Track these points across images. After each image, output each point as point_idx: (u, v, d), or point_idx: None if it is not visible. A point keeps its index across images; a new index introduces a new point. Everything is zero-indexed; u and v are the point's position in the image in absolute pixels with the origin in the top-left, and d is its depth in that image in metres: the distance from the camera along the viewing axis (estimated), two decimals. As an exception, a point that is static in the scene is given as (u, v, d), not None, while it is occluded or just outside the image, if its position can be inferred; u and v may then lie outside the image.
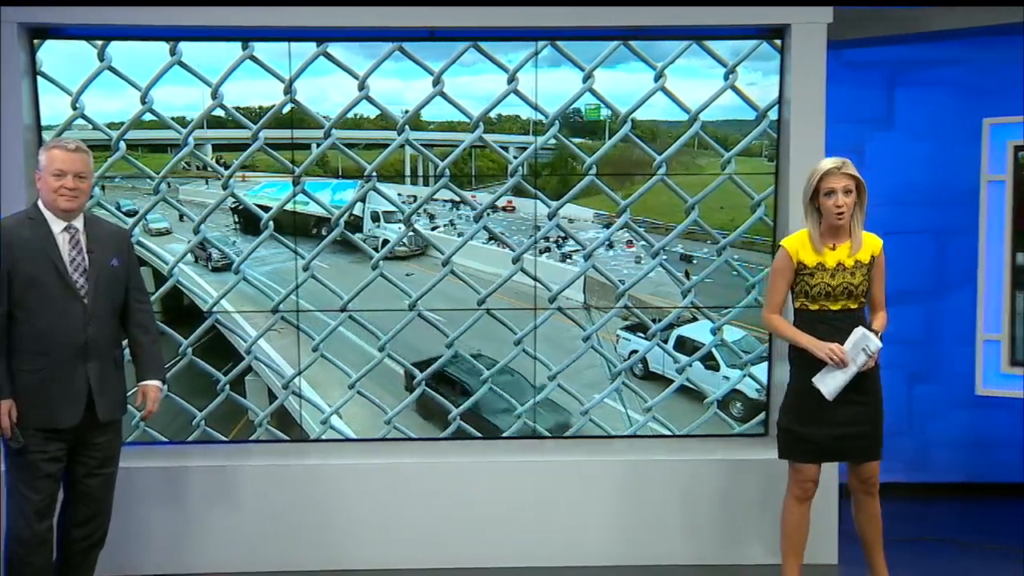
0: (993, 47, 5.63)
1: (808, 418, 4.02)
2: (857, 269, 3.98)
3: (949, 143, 5.44)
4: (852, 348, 3.92)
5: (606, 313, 4.96)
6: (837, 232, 3.99)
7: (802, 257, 4.00)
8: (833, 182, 3.93)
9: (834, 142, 5.05)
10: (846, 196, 3.92)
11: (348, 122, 4.81)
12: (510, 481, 4.83)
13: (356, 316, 4.90)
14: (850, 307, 3.98)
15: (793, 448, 4.09)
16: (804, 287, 4.00)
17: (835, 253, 3.99)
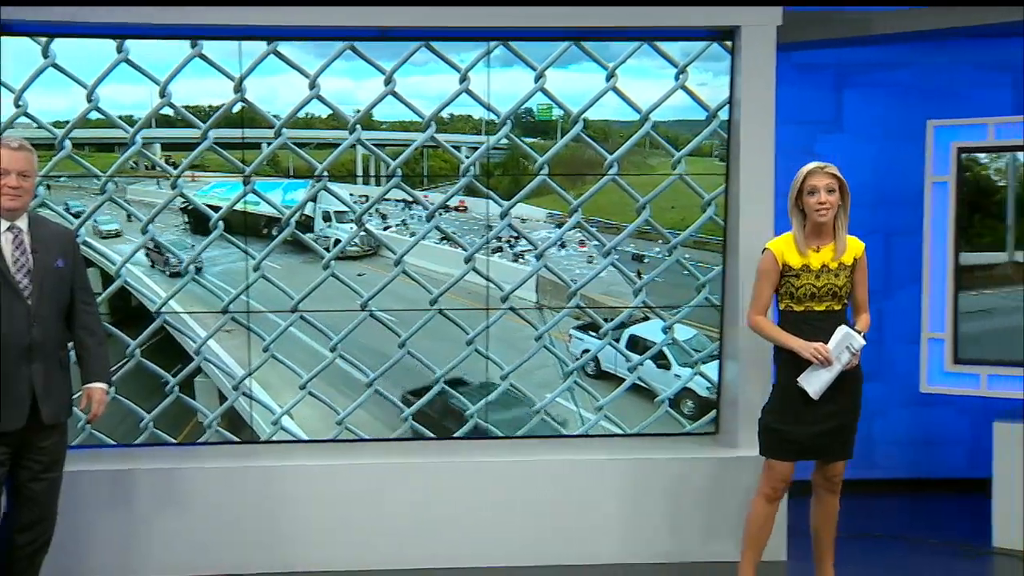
0: (938, 50, 5.76)
1: (794, 418, 4.07)
2: (841, 271, 4.05)
3: (895, 145, 5.55)
4: (836, 347, 3.99)
5: (558, 313, 4.98)
6: (821, 234, 4.06)
7: (787, 259, 4.05)
8: (816, 180, 4.01)
9: (784, 143, 5.14)
10: (829, 194, 3.99)
11: (299, 121, 4.79)
12: (463, 481, 4.84)
13: (307, 317, 4.88)
14: (834, 308, 4.05)
15: (776, 447, 4.12)
16: (790, 288, 4.06)
17: (819, 255, 4.05)
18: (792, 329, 4.05)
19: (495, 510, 4.84)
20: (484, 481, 4.85)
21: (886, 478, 5.89)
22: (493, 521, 4.84)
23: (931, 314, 5.17)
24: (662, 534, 4.89)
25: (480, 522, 4.84)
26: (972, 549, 5.01)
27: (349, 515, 4.79)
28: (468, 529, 4.83)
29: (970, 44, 5.72)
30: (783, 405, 4.09)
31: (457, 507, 4.83)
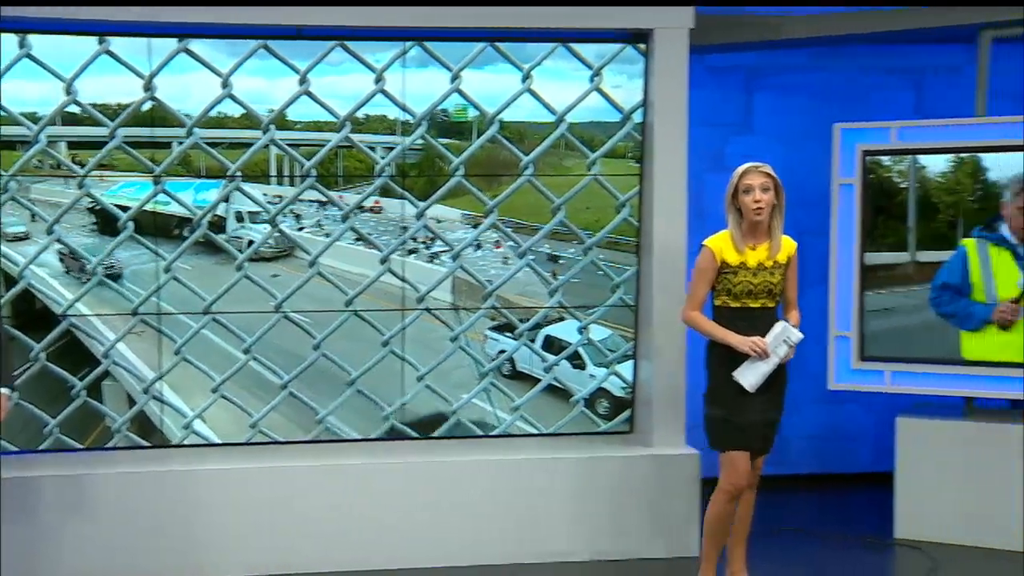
0: (844, 55, 5.93)
1: (738, 407, 4.14)
2: (776, 269, 4.14)
3: (804, 147, 5.66)
4: (774, 340, 4.09)
5: (474, 313, 5.01)
6: (756, 232, 4.13)
7: (725, 256, 4.12)
8: (751, 179, 4.08)
9: (696, 145, 5.24)
10: (764, 193, 4.06)
11: (211, 121, 4.74)
12: (379, 482, 4.84)
13: (220, 318, 4.82)
14: (768, 305, 4.15)
15: (733, 437, 4.16)
16: (727, 285, 4.14)
17: (756, 253, 4.13)
18: (727, 325, 4.14)
19: (410, 511, 4.85)
20: (401, 482, 4.86)
21: (796, 473, 6.03)
22: (407, 522, 4.85)
23: (838, 313, 5.32)
24: (577, 532, 4.93)
25: (395, 523, 4.84)
26: (876, 541, 5.17)
27: (265, 519, 4.75)
28: (384, 531, 4.83)
29: (875, 50, 5.89)
30: (725, 397, 4.16)
31: (374, 509, 4.83)
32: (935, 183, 5.17)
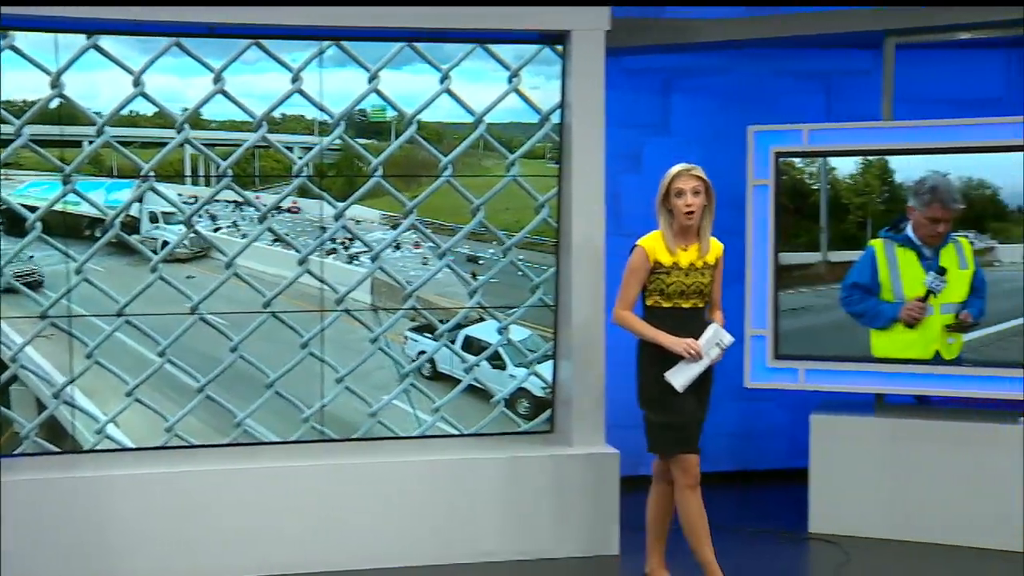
0: (757, 58, 6.04)
1: (676, 409, 4.20)
2: (706, 270, 4.24)
3: (720, 148, 5.71)
4: (707, 343, 4.17)
5: (394, 314, 5.02)
6: (687, 234, 4.20)
7: (658, 257, 4.19)
8: (682, 183, 4.15)
9: (614, 146, 5.33)
10: (695, 196, 4.14)
11: (123, 119, 4.68)
12: (298, 485, 4.82)
13: (134, 320, 4.76)
14: (699, 305, 4.24)
15: (675, 441, 4.21)
16: (660, 285, 4.20)
17: (687, 254, 4.21)
18: (658, 325, 4.21)
19: (331, 513, 4.84)
20: (321, 485, 4.84)
21: (713, 471, 6.09)
22: (328, 525, 4.84)
23: (753, 312, 5.42)
24: (499, 532, 4.97)
25: (316, 526, 4.83)
26: (791, 536, 5.29)
27: (181, 524, 4.70)
28: (304, 534, 4.82)
29: (787, 53, 6.01)
30: (662, 400, 4.21)
31: (294, 512, 4.81)
32: (845, 184, 5.30)
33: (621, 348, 5.53)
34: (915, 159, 5.16)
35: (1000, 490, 5.08)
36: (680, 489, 4.24)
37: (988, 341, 5.14)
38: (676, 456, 4.22)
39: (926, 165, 5.14)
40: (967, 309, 5.15)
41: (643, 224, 5.82)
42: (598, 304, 5.08)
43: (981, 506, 5.11)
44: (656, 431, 4.26)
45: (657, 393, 4.21)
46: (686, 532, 4.27)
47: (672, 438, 4.22)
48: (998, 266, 5.12)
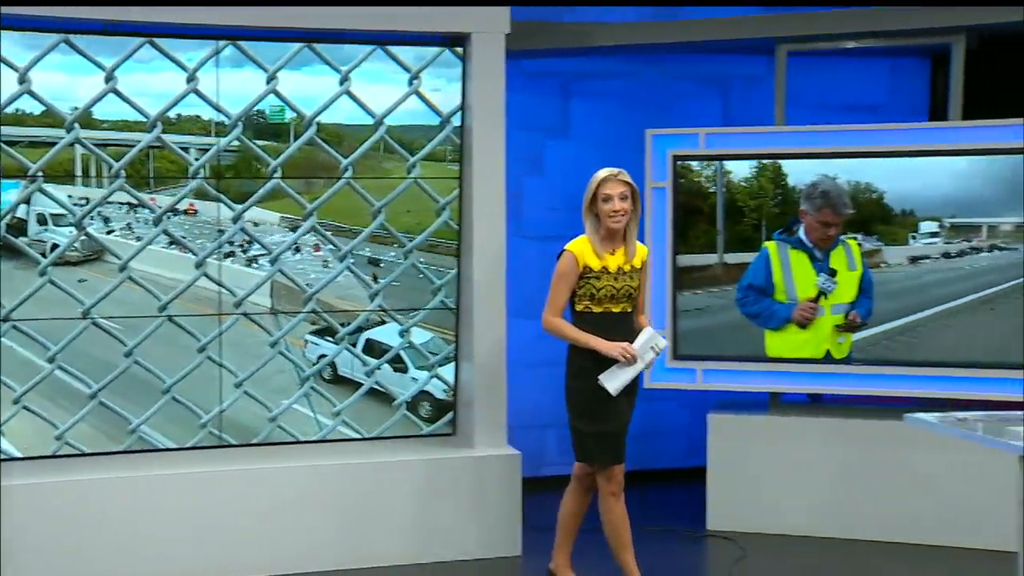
0: (656, 63, 6.15)
1: (605, 417, 4.19)
2: (634, 273, 4.23)
3: (619, 151, 5.67)
4: (642, 347, 4.15)
5: (293, 318, 5.01)
6: (613, 238, 4.20)
7: (587, 261, 4.18)
8: (610, 188, 4.14)
9: (515, 149, 5.37)
10: (622, 201, 4.13)
11: (8, 117, 4.58)
12: (197, 492, 4.76)
13: (21, 326, 4.66)
14: (627, 309, 4.23)
15: (606, 451, 4.22)
16: (590, 290, 4.19)
17: (614, 258, 4.21)
18: (588, 329, 4.18)
19: (232, 520, 4.80)
20: (220, 490, 4.79)
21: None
22: (230, 532, 4.79)
23: (653, 313, 5.54)
24: (402, 536, 4.97)
25: (217, 533, 4.78)
26: (689, 533, 5.39)
27: (73, 534, 4.60)
28: (204, 542, 4.76)
29: (685, 58, 6.13)
30: (589, 406, 4.21)
31: (194, 519, 4.75)
32: (740, 188, 5.42)
33: (523, 349, 5.70)
34: (806, 163, 5.32)
35: (886, 484, 5.26)
36: (604, 497, 4.27)
37: (875, 340, 5.32)
38: (604, 465, 4.24)
39: (817, 169, 5.30)
40: (856, 309, 5.32)
41: (545, 227, 6.02)
42: (499, 306, 5.13)
43: (870, 500, 5.28)
44: (585, 441, 4.26)
45: (587, 403, 4.21)
46: (609, 537, 4.30)
47: (602, 449, 4.23)
48: (884, 267, 5.31)
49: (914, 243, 5.28)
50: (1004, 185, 5.11)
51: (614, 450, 4.23)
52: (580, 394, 4.24)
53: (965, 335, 5.23)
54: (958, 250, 5.24)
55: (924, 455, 5.18)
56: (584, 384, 4.21)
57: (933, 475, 5.21)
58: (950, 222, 5.23)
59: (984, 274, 5.21)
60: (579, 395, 4.25)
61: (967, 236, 5.21)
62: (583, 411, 4.24)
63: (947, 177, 5.19)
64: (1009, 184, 5.09)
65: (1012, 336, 5.14)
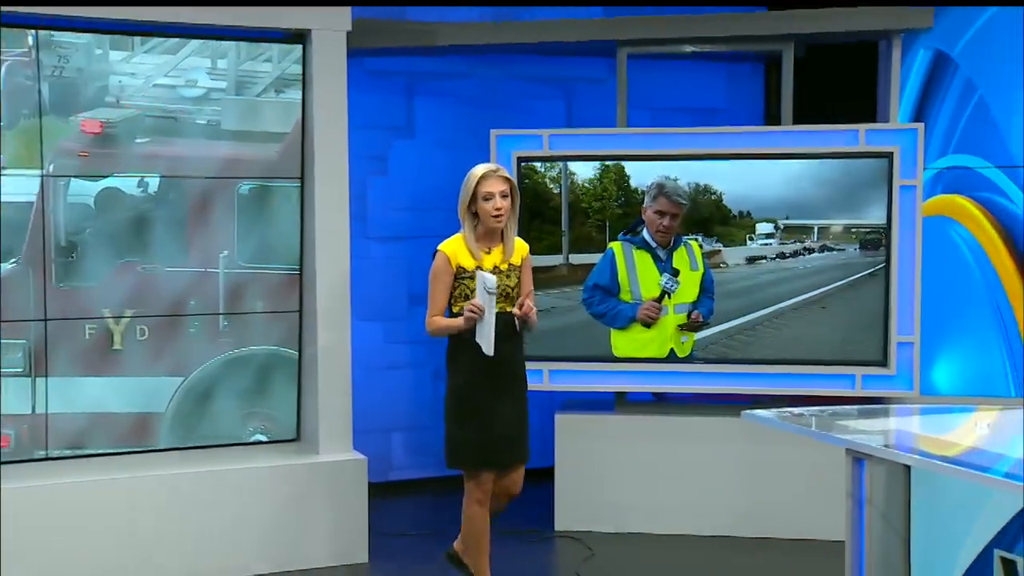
0: (500, 64, 6.21)
1: (480, 419, 4.11)
2: (512, 272, 4.16)
3: (464, 152, 5.70)
4: (481, 295, 4.00)
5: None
6: (491, 237, 4.14)
7: (461, 261, 4.10)
8: (491, 186, 4.06)
9: (358, 148, 5.40)
10: (504, 199, 4.06)
11: None
12: (20, 506, 4.57)
13: None
14: (507, 309, 4.10)
15: (473, 456, 4.14)
16: (465, 291, 4.11)
17: (490, 257, 4.14)
18: (467, 335, 4.07)
19: (68, 536, 4.61)
20: (53, 504, 4.61)
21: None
22: (68, 546, 4.60)
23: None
24: (248, 544, 4.90)
25: (51, 548, 4.59)
26: (537, 534, 5.44)
27: None
28: (39, 560, 4.57)
29: (529, 59, 6.20)
30: (462, 407, 4.14)
31: (35, 534, 4.55)
32: (584, 189, 5.49)
33: (369, 352, 5.70)
34: (649, 164, 5.43)
35: (728, 480, 5.44)
36: (469, 503, 4.21)
37: (716, 339, 5.48)
38: (472, 471, 4.18)
39: (658, 171, 5.42)
40: (698, 309, 5.46)
41: (391, 227, 6.01)
42: (344, 309, 5.11)
43: (712, 496, 5.45)
44: (454, 444, 4.19)
45: (460, 404, 4.15)
46: (467, 542, 4.27)
47: (469, 453, 4.15)
48: (724, 267, 5.47)
49: (751, 244, 5.43)
50: (833, 188, 5.32)
51: (481, 455, 4.15)
52: (454, 396, 4.18)
53: (799, 333, 5.41)
54: (792, 251, 5.40)
55: (763, 450, 5.36)
56: (459, 381, 4.16)
57: (771, 469, 5.39)
58: (784, 224, 5.40)
59: (816, 274, 5.40)
60: (453, 397, 4.18)
61: (800, 237, 5.40)
62: (455, 412, 4.18)
63: (781, 180, 5.37)
64: (838, 187, 5.31)
65: (843, 333, 5.36)
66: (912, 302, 5.29)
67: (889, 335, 5.32)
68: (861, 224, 5.35)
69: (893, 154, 5.25)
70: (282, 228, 5.12)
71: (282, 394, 5.22)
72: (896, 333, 5.31)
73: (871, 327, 5.36)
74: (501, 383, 4.16)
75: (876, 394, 5.32)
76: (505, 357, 4.11)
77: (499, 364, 4.07)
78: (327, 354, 5.08)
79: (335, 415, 5.12)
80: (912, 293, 5.30)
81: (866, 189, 5.33)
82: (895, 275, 5.30)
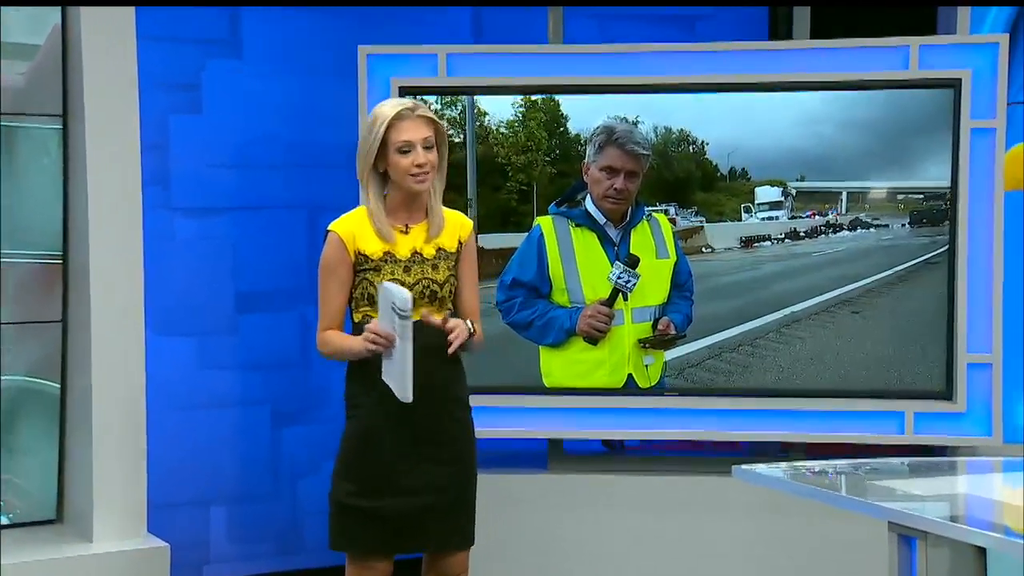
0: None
1: (374, 483, 4.00)
2: (441, 260, 4.04)
3: (316, 78, 5.86)
4: (385, 316, 3.84)
5: None
6: (412, 207, 4.02)
7: (362, 246, 3.99)
8: (408, 132, 3.93)
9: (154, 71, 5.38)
10: (428, 151, 3.95)
11: None
12: None
13: None
14: (434, 319, 3.99)
15: (356, 531, 4.03)
16: (368, 289, 3.99)
17: (408, 238, 4.02)
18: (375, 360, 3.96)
19: None
20: None
21: (320, 567, 6.06)
22: None
23: (374, 322, 5.44)
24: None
25: None
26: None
27: None
28: None
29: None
30: (356, 465, 4.02)
31: None
32: (501, 136, 5.50)
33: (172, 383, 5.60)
34: (596, 99, 5.41)
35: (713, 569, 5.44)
36: None
37: (697, 360, 5.46)
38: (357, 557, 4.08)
39: (611, 108, 5.39)
40: (668, 315, 5.42)
41: (206, 193, 6.18)
42: (133, 317, 5.02)
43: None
44: (334, 511, 4.08)
45: (357, 458, 4.03)
46: None
47: (357, 528, 4.05)
48: (708, 253, 5.46)
49: (749, 219, 5.45)
50: (870, 134, 5.33)
51: (383, 535, 4.04)
52: (351, 446, 4.06)
53: (821, 350, 5.43)
54: (809, 228, 5.44)
55: (767, 525, 5.37)
56: (358, 426, 4.05)
57: (780, 554, 5.40)
58: (797, 188, 5.41)
59: (845, 262, 5.42)
60: (353, 445, 4.06)
61: (821, 208, 5.43)
62: (346, 469, 4.06)
63: (793, 122, 5.38)
64: (877, 132, 5.33)
65: (886, 350, 5.38)
66: (989, 305, 5.29)
67: (955, 354, 5.32)
68: (912, 188, 5.37)
69: (961, 81, 5.23)
70: (35, 194, 5.04)
71: (35, 449, 5.14)
72: (965, 351, 5.31)
73: (928, 342, 5.38)
74: (425, 431, 4.03)
75: (935, 440, 5.38)
76: (432, 393, 3.98)
77: (425, 402, 3.93)
78: (107, 387, 4.99)
79: (119, 482, 5.04)
80: (989, 292, 5.29)
81: (920, 136, 5.34)
82: (963, 264, 5.30)
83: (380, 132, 3.96)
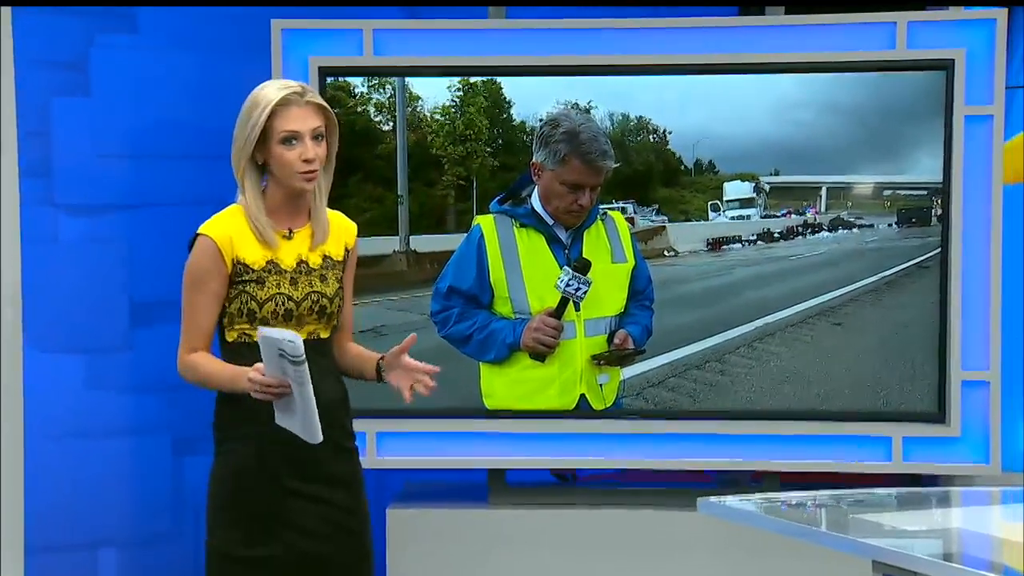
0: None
1: (253, 527, 3.93)
2: (328, 270, 4.00)
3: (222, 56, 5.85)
4: (271, 364, 3.73)
5: None
6: (294, 207, 3.97)
7: (241, 253, 3.90)
8: (295, 121, 3.87)
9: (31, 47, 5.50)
10: (317, 144, 3.89)
11: None
12: None
13: None
14: (321, 336, 3.99)
15: None
16: (248, 304, 3.92)
17: (292, 244, 3.96)
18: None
19: None
20: None
21: None
22: None
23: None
24: None
25: None
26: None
27: None
28: None
29: None
30: (232, 508, 3.96)
31: None
32: (435, 124, 5.56)
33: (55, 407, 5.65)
34: (543, 82, 5.48)
35: None
36: None
37: (658, 378, 5.54)
38: None
39: (561, 93, 5.45)
40: (626, 328, 5.49)
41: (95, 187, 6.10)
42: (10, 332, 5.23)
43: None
44: (213, 562, 4.02)
45: (233, 502, 3.96)
46: None
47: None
48: (671, 257, 5.53)
49: (717, 217, 5.53)
50: (854, 121, 5.45)
51: None
52: (224, 482, 3.99)
53: (799, 367, 5.52)
54: (785, 228, 5.53)
55: (739, 564, 5.44)
56: (232, 464, 3.97)
57: None
58: (771, 183, 5.52)
59: (825, 267, 5.52)
60: (222, 484, 4.00)
61: (798, 205, 5.52)
62: (221, 513, 3.99)
63: (767, 108, 5.47)
64: (861, 119, 5.45)
65: (871, 367, 5.49)
66: (987, 315, 5.37)
67: (948, 371, 5.41)
68: (900, 183, 5.47)
69: (954, 63, 5.31)
70: None
71: None
72: (960, 367, 5.39)
73: (918, 357, 5.47)
74: (308, 465, 3.97)
75: (926, 468, 5.49)
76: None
77: None
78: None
79: (-6, 520, 5.01)
80: (986, 300, 5.38)
81: (908, 124, 5.43)
82: (957, 269, 5.38)
83: (262, 119, 3.90)
